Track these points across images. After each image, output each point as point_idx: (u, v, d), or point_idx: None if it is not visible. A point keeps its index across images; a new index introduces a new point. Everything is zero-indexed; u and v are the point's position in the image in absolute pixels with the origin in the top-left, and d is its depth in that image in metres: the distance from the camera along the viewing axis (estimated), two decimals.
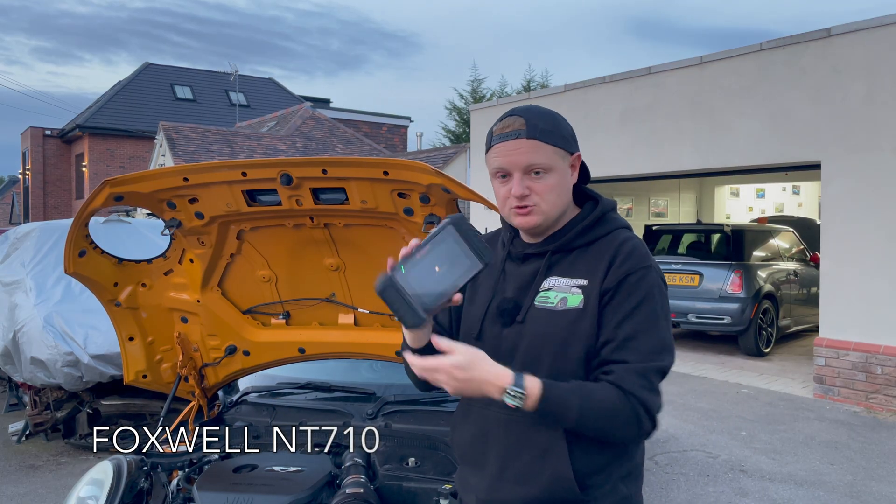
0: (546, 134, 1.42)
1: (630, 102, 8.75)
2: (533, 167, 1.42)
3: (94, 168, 23.72)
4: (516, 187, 1.42)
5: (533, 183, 1.43)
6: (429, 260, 1.29)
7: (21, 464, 4.86)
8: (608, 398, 1.34)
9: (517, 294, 1.49)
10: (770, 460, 4.97)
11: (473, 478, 1.53)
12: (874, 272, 6.41)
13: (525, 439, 1.44)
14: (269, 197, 2.30)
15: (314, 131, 20.17)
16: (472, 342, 1.50)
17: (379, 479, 2.26)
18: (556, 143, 1.43)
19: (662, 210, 13.92)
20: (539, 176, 1.42)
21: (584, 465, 1.42)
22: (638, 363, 1.36)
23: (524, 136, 1.41)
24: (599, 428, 1.36)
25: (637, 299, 1.40)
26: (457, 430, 1.60)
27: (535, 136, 1.41)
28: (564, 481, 1.41)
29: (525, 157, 1.41)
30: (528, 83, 25.61)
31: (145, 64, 28.31)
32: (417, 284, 1.29)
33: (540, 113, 1.45)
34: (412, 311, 1.29)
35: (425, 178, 2.05)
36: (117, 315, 2.71)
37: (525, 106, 1.48)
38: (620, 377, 1.35)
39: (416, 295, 1.29)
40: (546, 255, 1.49)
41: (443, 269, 1.29)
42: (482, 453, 1.50)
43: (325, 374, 3.05)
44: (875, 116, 6.44)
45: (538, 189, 1.43)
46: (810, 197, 15.66)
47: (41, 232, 5.72)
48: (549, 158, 1.42)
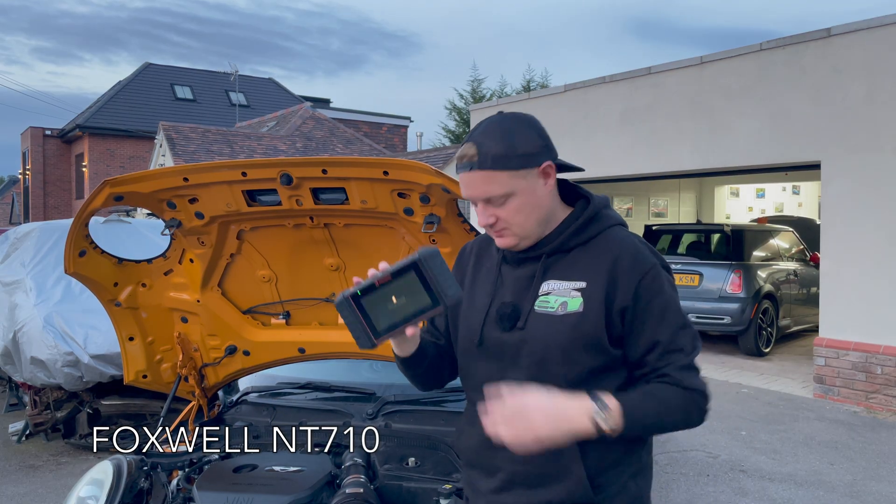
0: (498, 161, 1.37)
1: (630, 102, 8.75)
2: (492, 198, 1.40)
3: (94, 168, 23.72)
4: (480, 217, 1.44)
5: (497, 210, 1.41)
6: (387, 290, 1.31)
7: (21, 464, 4.86)
8: (675, 397, 1.38)
9: (516, 298, 1.47)
10: (770, 460, 4.97)
11: (483, 482, 1.52)
12: (874, 272, 6.40)
13: None
14: (269, 197, 2.31)
15: (314, 131, 20.17)
16: (474, 348, 1.50)
17: (379, 479, 2.26)
18: (511, 167, 1.37)
19: (662, 210, 13.92)
20: (501, 204, 1.40)
21: (595, 465, 1.42)
22: (684, 359, 1.41)
23: (476, 167, 1.38)
24: (672, 426, 1.42)
25: (661, 302, 1.41)
26: (463, 435, 1.58)
27: (487, 167, 1.37)
28: (578, 483, 1.40)
29: (479, 189, 1.39)
30: (527, 83, 25.60)
31: (145, 64, 28.31)
32: (371, 310, 1.32)
33: (495, 134, 1.38)
34: (364, 334, 1.34)
35: (425, 178, 2.05)
36: (117, 315, 2.71)
37: (484, 125, 1.42)
38: (677, 379, 1.39)
39: (368, 320, 1.33)
40: (541, 258, 1.47)
41: (399, 302, 1.31)
42: (491, 458, 1.48)
43: (325, 374, 3.05)
44: (875, 116, 6.44)
45: (503, 214, 1.41)
46: (810, 197, 15.66)
47: (41, 232, 5.72)
48: (506, 185, 1.38)
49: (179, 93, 27.31)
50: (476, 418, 1.51)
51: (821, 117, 6.85)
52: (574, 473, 1.40)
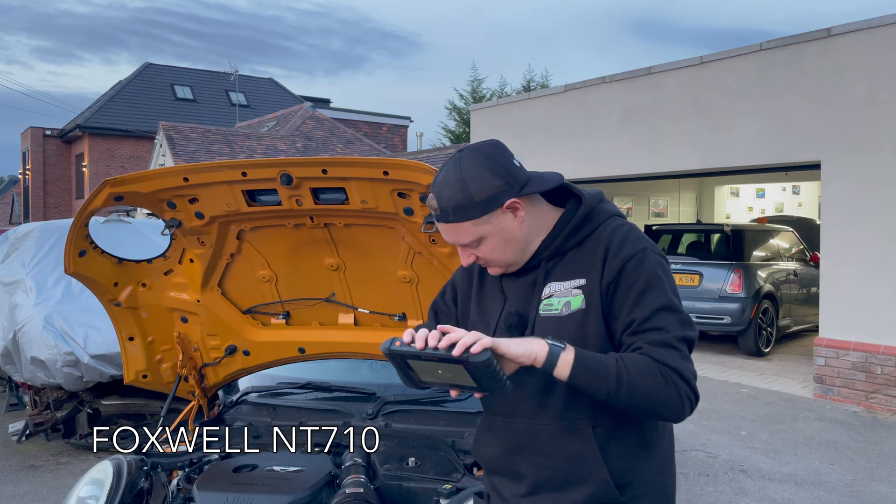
0: (458, 212, 1.39)
1: (630, 102, 8.75)
2: (464, 245, 1.46)
3: (94, 168, 23.72)
4: (462, 259, 1.49)
5: (474, 250, 1.46)
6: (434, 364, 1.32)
7: (21, 464, 4.86)
8: (642, 363, 1.33)
9: (521, 306, 1.49)
10: (770, 460, 4.97)
11: (508, 488, 1.52)
12: (874, 272, 6.40)
13: (556, 447, 1.44)
14: (269, 197, 2.31)
15: (314, 131, 20.17)
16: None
17: (379, 479, 2.26)
18: (472, 217, 1.39)
19: (662, 210, 13.92)
20: (476, 246, 1.45)
21: (617, 465, 1.42)
22: (661, 336, 1.35)
23: (441, 220, 1.43)
24: (642, 395, 1.32)
25: (643, 284, 1.38)
26: (482, 444, 1.60)
27: (448, 220, 1.41)
28: (604, 485, 1.41)
29: (451, 238, 1.45)
30: (527, 83, 25.60)
31: (145, 64, 28.31)
32: (416, 367, 1.35)
33: (451, 185, 1.39)
34: (409, 380, 1.39)
35: (425, 178, 2.05)
36: (117, 315, 2.71)
37: (440, 176, 1.42)
38: (648, 351, 1.34)
39: (414, 374, 1.36)
40: (541, 264, 1.49)
41: (444, 373, 1.33)
42: (514, 465, 1.50)
43: (325, 374, 3.05)
44: (875, 116, 6.44)
45: (482, 254, 1.46)
46: (810, 197, 15.65)
47: (41, 232, 5.72)
48: (472, 233, 1.42)
49: (179, 93, 27.31)
50: (496, 427, 1.54)
51: (821, 117, 6.85)
52: (597, 475, 1.41)
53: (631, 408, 1.35)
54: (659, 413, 1.37)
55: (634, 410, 1.36)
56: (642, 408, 1.35)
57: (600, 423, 1.42)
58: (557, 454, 1.43)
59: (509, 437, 1.50)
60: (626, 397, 1.32)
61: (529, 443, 1.47)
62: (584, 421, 1.42)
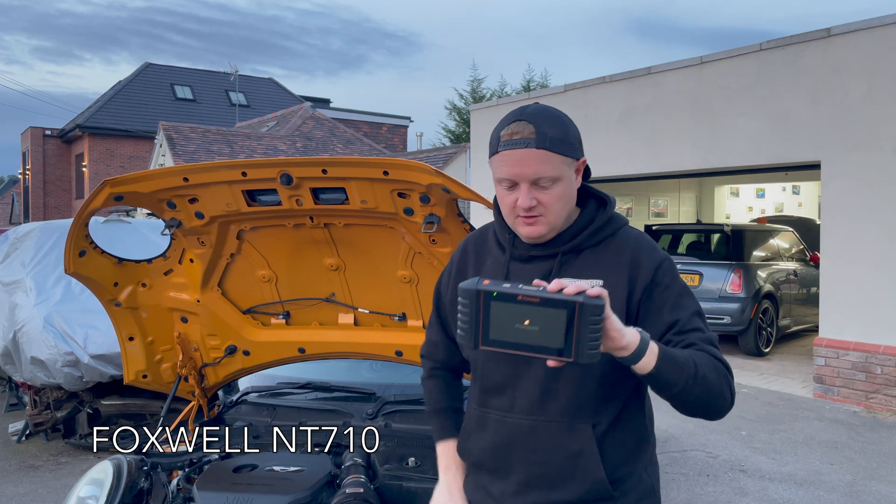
0: (556, 143, 1.35)
1: (630, 102, 8.75)
2: (541, 179, 1.36)
3: (94, 168, 23.72)
4: (524, 199, 1.37)
5: (540, 194, 1.38)
6: (526, 309, 1.15)
7: (21, 464, 4.86)
8: (707, 360, 1.32)
9: None
10: (770, 460, 4.97)
11: (495, 486, 1.50)
12: (874, 272, 6.40)
13: (554, 445, 1.42)
14: (269, 197, 2.30)
15: (314, 131, 20.17)
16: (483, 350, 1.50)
17: (379, 479, 2.26)
18: (564, 153, 1.37)
19: (662, 210, 13.93)
20: (546, 187, 1.37)
21: (613, 462, 1.43)
22: (704, 335, 1.38)
23: (533, 145, 1.34)
24: (714, 385, 1.31)
25: (678, 288, 1.42)
26: (472, 439, 1.55)
27: (545, 147, 1.34)
28: (598, 482, 1.41)
29: (534, 168, 1.35)
30: (527, 83, 25.60)
31: (145, 64, 28.30)
32: (494, 316, 1.16)
33: (550, 118, 1.38)
34: (472, 332, 1.19)
35: (425, 178, 2.05)
36: (117, 315, 2.71)
37: (534, 108, 1.39)
38: (704, 348, 1.35)
39: (486, 324, 1.17)
40: (557, 256, 1.46)
41: (528, 327, 1.15)
42: (505, 461, 1.47)
43: (325, 374, 3.05)
44: (875, 116, 6.44)
45: (545, 200, 1.38)
46: (810, 197, 15.66)
47: (41, 232, 5.72)
48: (558, 169, 1.36)
49: (179, 93, 27.30)
50: (489, 420, 1.50)
51: (821, 117, 6.85)
52: (593, 472, 1.40)
53: (696, 402, 1.32)
54: (713, 407, 1.34)
55: (695, 405, 1.33)
56: (705, 402, 1.32)
57: (600, 421, 1.42)
58: (555, 451, 1.42)
59: (503, 431, 1.47)
60: (698, 391, 1.30)
61: (525, 439, 1.44)
62: (584, 420, 1.42)
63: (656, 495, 1.53)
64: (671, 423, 5.79)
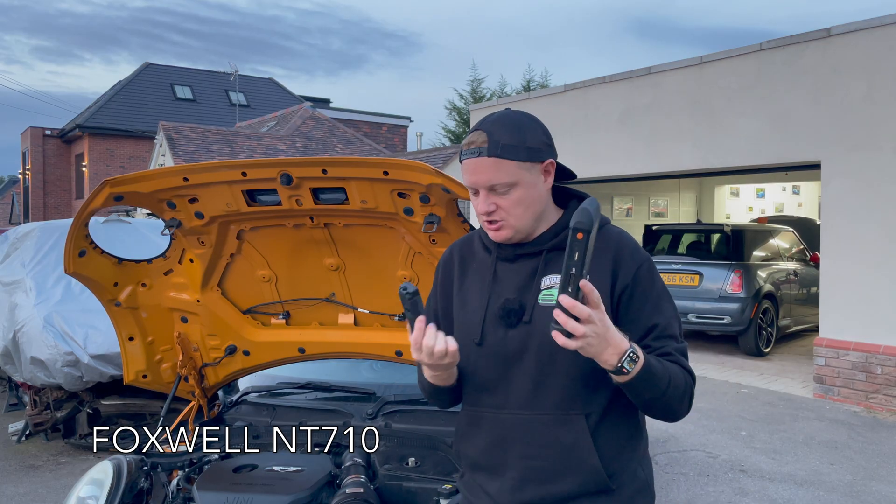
0: (508, 150, 1.40)
1: (630, 102, 8.75)
2: (496, 185, 1.42)
3: (94, 168, 23.72)
4: (481, 205, 1.44)
5: (498, 199, 1.43)
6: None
7: (21, 464, 4.86)
8: (679, 373, 1.41)
9: (518, 295, 1.48)
10: (770, 460, 4.97)
11: (491, 484, 1.50)
12: (874, 272, 6.40)
13: (549, 438, 1.44)
14: (269, 197, 2.31)
15: (314, 131, 20.17)
16: (474, 348, 1.50)
17: (379, 479, 2.26)
18: (519, 158, 1.41)
19: (662, 210, 13.93)
20: (504, 193, 1.43)
21: (607, 454, 1.45)
22: (679, 345, 1.46)
23: (485, 153, 1.40)
24: (675, 398, 1.39)
25: (658, 289, 1.47)
26: (466, 438, 1.56)
27: (496, 154, 1.40)
28: (595, 474, 1.43)
29: (486, 175, 1.41)
30: (527, 83, 25.60)
31: (145, 64, 28.30)
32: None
33: (507, 125, 1.43)
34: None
35: (425, 178, 2.05)
36: (117, 315, 2.71)
37: (496, 116, 1.45)
38: (679, 359, 1.43)
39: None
40: (542, 253, 1.49)
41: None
42: (500, 458, 1.48)
43: (325, 374, 3.05)
44: (875, 116, 6.44)
45: (504, 205, 1.43)
46: (810, 197, 15.66)
47: (41, 232, 5.72)
48: (512, 175, 1.41)
49: (179, 93, 27.30)
50: (483, 419, 1.51)
51: (821, 117, 6.85)
52: (589, 464, 1.42)
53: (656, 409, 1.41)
54: (670, 415, 1.44)
55: (654, 410, 1.42)
56: (665, 410, 1.42)
57: (592, 412, 1.45)
58: (550, 445, 1.44)
59: (497, 428, 1.48)
60: (662, 402, 1.39)
61: (520, 434, 1.46)
62: (576, 411, 1.44)
63: (651, 491, 1.54)
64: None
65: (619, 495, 1.45)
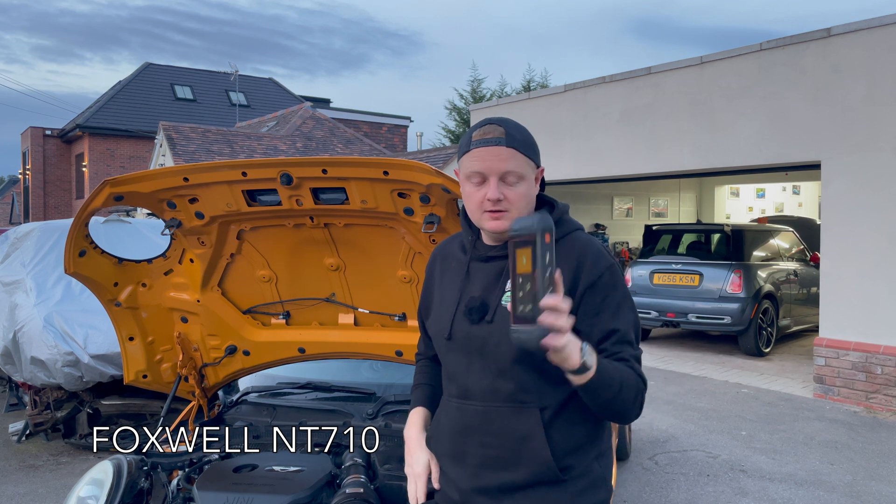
0: (522, 144, 1.51)
1: (630, 102, 8.75)
2: (509, 174, 1.49)
3: (94, 168, 23.72)
4: (492, 191, 1.49)
5: (506, 190, 1.50)
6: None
7: (21, 464, 4.87)
8: (631, 377, 1.45)
9: (484, 293, 1.56)
10: (770, 460, 4.97)
11: (454, 470, 1.60)
12: (874, 272, 6.41)
13: (505, 428, 1.51)
14: (269, 197, 2.31)
15: (314, 131, 20.17)
16: (443, 342, 1.60)
17: (379, 479, 2.26)
18: (528, 155, 1.51)
19: (662, 210, 13.93)
20: (512, 184, 1.50)
21: (561, 448, 1.50)
22: (635, 351, 1.50)
23: (504, 143, 1.49)
24: (628, 401, 1.43)
25: (619, 296, 1.51)
26: (437, 426, 1.67)
27: (514, 146, 1.49)
28: (544, 464, 1.48)
29: (504, 163, 1.48)
30: (527, 83, 25.61)
31: (145, 64, 28.31)
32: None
33: (516, 125, 1.54)
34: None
35: (425, 178, 2.05)
36: (117, 315, 2.71)
37: (501, 117, 1.56)
38: (633, 365, 1.48)
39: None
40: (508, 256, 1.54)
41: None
42: (462, 445, 1.57)
43: (325, 374, 3.05)
44: (875, 116, 6.44)
45: (511, 196, 1.50)
46: (810, 197, 15.68)
47: (41, 232, 5.72)
48: (523, 168, 1.50)
49: (179, 93, 27.31)
50: (451, 408, 1.61)
51: (821, 117, 6.85)
52: (541, 456, 1.48)
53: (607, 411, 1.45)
54: (619, 418, 1.48)
55: (605, 412, 1.46)
56: (615, 413, 1.46)
57: (547, 406, 1.50)
58: (505, 435, 1.51)
59: (461, 418, 1.57)
60: (613, 405, 1.43)
61: (479, 424, 1.54)
62: (531, 404, 1.50)
63: (607, 484, 1.58)
64: (671, 423, 5.80)
65: (571, 487, 1.51)
